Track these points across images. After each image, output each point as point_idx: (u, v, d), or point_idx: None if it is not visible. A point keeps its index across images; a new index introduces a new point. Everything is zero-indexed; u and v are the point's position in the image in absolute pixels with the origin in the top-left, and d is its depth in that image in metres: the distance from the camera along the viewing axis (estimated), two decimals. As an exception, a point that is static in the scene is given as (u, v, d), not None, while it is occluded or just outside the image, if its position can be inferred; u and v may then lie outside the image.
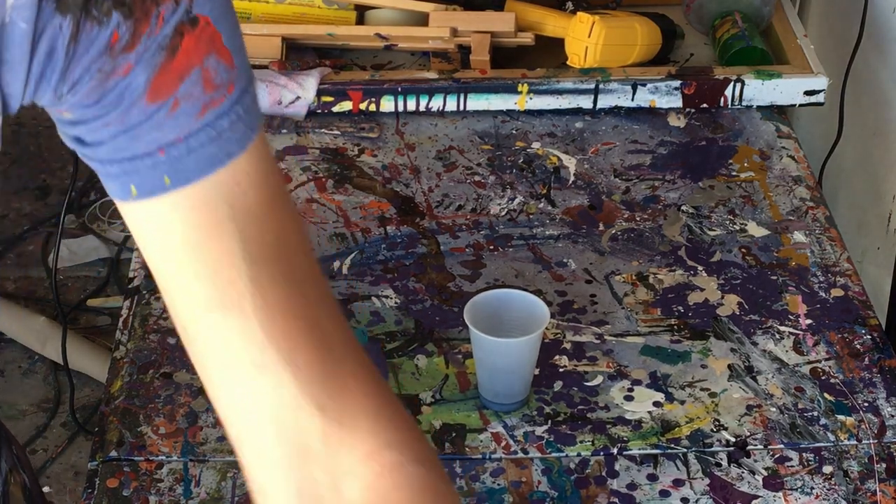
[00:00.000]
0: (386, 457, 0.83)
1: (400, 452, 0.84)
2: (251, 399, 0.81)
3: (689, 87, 1.82)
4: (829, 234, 1.64)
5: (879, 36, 2.06)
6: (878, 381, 1.43)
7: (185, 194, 0.79)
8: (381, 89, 1.82)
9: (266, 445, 0.81)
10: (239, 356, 0.81)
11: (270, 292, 0.80)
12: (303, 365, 0.80)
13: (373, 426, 0.83)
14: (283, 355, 0.80)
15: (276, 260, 0.81)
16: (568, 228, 1.65)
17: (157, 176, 0.78)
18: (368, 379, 0.84)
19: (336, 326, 0.83)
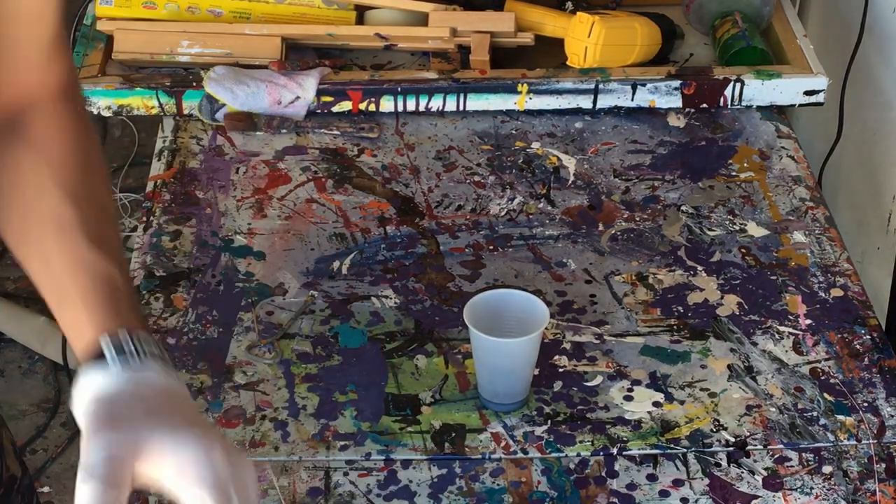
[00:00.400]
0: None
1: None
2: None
3: (688, 87, 1.82)
4: (829, 234, 1.64)
5: (879, 36, 2.06)
6: (878, 382, 1.43)
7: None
8: (380, 89, 1.82)
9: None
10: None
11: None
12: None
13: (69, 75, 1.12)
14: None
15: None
16: (568, 228, 1.65)
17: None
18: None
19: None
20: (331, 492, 1.32)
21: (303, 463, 1.34)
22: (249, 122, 1.80)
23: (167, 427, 0.97)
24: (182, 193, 1.71)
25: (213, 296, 1.54)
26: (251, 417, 1.39)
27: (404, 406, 1.41)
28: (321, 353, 1.47)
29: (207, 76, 1.81)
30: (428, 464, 1.34)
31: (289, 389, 1.42)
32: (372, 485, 1.32)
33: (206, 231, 1.64)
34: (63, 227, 1.05)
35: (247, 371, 1.45)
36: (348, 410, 1.40)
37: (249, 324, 1.50)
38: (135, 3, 1.89)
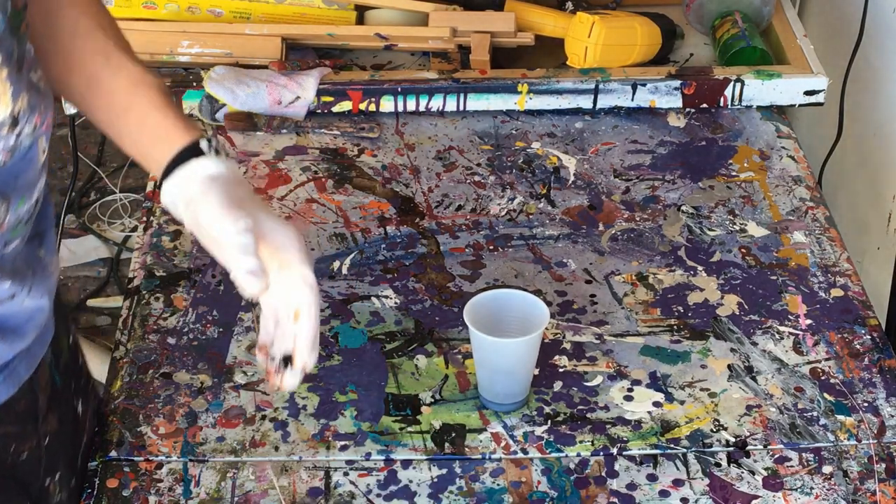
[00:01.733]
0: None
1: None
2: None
3: (689, 87, 1.82)
4: (829, 234, 1.64)
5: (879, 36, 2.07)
6: (878, 381, 1.43)
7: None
8: (380, 89, 1.82)
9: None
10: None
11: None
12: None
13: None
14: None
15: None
16: (568, 228, 1.65)
17: None
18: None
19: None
20: (331, 492, 1.32)
21: (303, 463, 1.34)
22: (249, 122, 1.80)
23: (267, 213, 1.20)
24: (182, 193, 1.70)
25: (213, 296, 1.54)
26: (251, 417, 1.39)
27: (404, 406, 1.41)
28: (321, 353, 1.47)
29: (207, 76, 1.81)
30: (428, 464, 1.34)
31: (289, 389, 1.42)
32: (372, 485, 1.32)
33: (206, 231, 1.64)
34: (109, 56, 1.22)
35: (247, 371, 1.45)
36: (348, 410, 1.40)
37: (249, 324, 1.50)
38: (135, 3, 1.89)
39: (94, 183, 3.09)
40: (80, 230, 2.95)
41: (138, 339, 1.48)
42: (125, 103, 1.22)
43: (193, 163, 1.18)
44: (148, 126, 1.21)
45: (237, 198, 1.17)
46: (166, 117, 1.21)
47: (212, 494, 1.31)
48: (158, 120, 1.21)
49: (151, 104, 1.21)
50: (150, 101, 1.21)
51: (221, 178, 1.18)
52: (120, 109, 1.23)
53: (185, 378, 1.44)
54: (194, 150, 1.19)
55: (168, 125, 1.21)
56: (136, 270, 1.58)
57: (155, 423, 1.38)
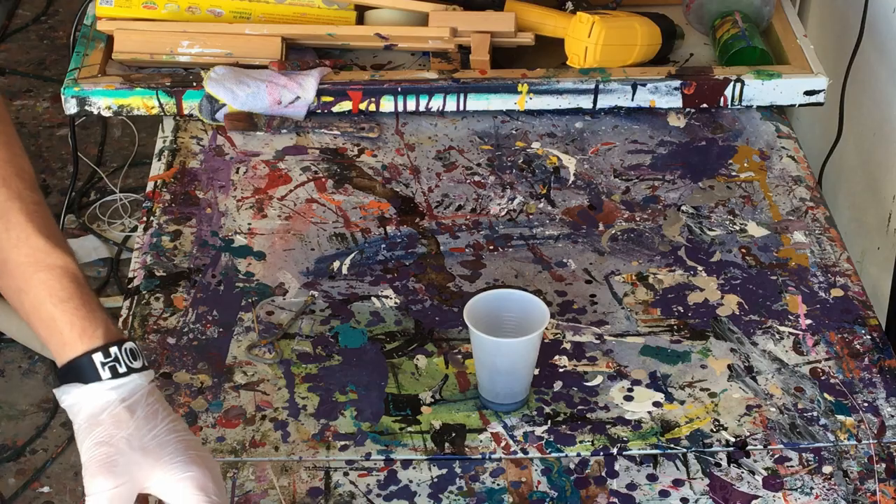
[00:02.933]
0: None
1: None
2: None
3: (689, 87, 1.82)
4: (829, 234, 1.64)
5: (879, 36, 2.06)
6: (878, 381, 1.43)
7: None
8: (381, 89, 1.82)
9: None
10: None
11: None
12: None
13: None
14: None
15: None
16: (568, 228, 1.65)
17: None
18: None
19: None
20: (331, 492, 1.32)
21: (303, 463, 1.34)
22: (249, 122, 1.81)
23: (163, 466, 1.06)
24: (182, 193, 1.71)
25: (213, 296, 1.54)
26: (251, 417, 1.39)
27: (404, 406, 1.41)
28: (321, 353, 1.47)
29: (207, 76, 1.81)
30: (428, 464, 1.34)
31: (289, 389, 1.42)
32: (372, 485, 1.32)
33: (206, 231, 1.64)
34: (10, 223, 1.07)
35: (247, 371, 1.45)
36: (348, 410, 1.40)
37: (249, 324, 1.50)
38: (135, 3, 1.89)
39: (94, 183, 3.09)
40: (80, 230, 2.95)
41: (138, 339, 1.48)
42: (21, 283, 1.08)
43: (77, 392, 1.06)
44: (42, 317, 1.07)
45: (119, 450, 1.05)
46: (63, 313, 1.07)
47: (212, 494, 1.31)
48: (53, 315, 1.07)
49: (48, 292, 1.07)
50: (48, 288, 1.07)
51: (107, 418, 1.06)
52: (15, 287, 1.09)
53: (186, 378, 1.44)
54: (88, 365, 1.07)
55: (63, 324, 1.07)
56: (136, 270, 1.58)
57: (155, 423, 1.38)
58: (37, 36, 3.62)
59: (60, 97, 1.83)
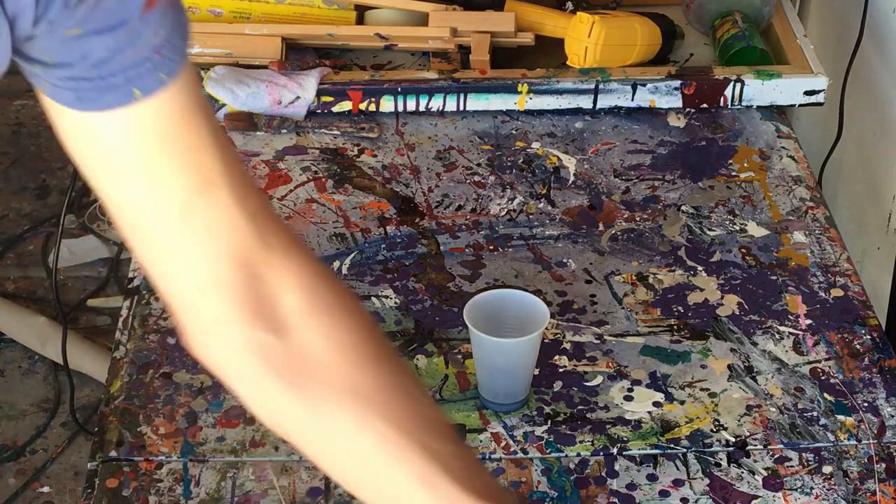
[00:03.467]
0: (312, 267, 0.99)
1: (317, 265, 1.00)
2: (224, 251, 0.95)
3: (689, 87, 1.82)
4: (829, 234, 1.64)
5: (879, 36, 2.06)
6: (878, 381, 1.43)
7: (173, 89, 0.91)
8: (381, 89, 1.82)
9: (230, 283, 0.95)
10: (219, 226, 0.95)
11: (232, 166, 0.95)
12: (258, 217, 0.97)
13: (299, 250, 0.99)
14: (248, 213, 0.96)
15: (224, 138, 0.96)
16: (568, 228, 1.65)
17: (155, 76, 0.90)
18: (301, 242, 1.02)
19: (271, 204, 1.06)
20: (331, 492, 1.32)
21: (303, 463, 1.34)
22: (249, 122, 1.80)
23: None
24: (182, 193, 1.70)
25: (213, 296, 1.54)
26: (251, 417, 1.39)
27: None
28: (321, 353, 1.47)
29: (207, 76, 1.81)
30: (428, 464, 1.34)
31: (289, 389, 1.42)
32: (372, 485, 1.32)
33: (206, 231, 1.64)
34: (425, 479, 0.98)
35: (247, 371, 1.44)
36: (348, 410, 1.40)
37: (249, 324, 1.50)
38: (135, 3, 1.89)
39: (94, 183, 3.08)
40: (80, 230, 2.95)
41: (138, 339, 1.48)
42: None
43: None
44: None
45: None
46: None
47: (212, 494, 1.31)
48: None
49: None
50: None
51: None
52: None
53: (186, 378, 1.43)
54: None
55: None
56: (136, 270, 1.58)
57: (155, 423, 1.38)
58: (37, 36, 3.61)
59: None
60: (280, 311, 0.97)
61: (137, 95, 0.90)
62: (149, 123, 0.91)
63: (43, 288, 2.83)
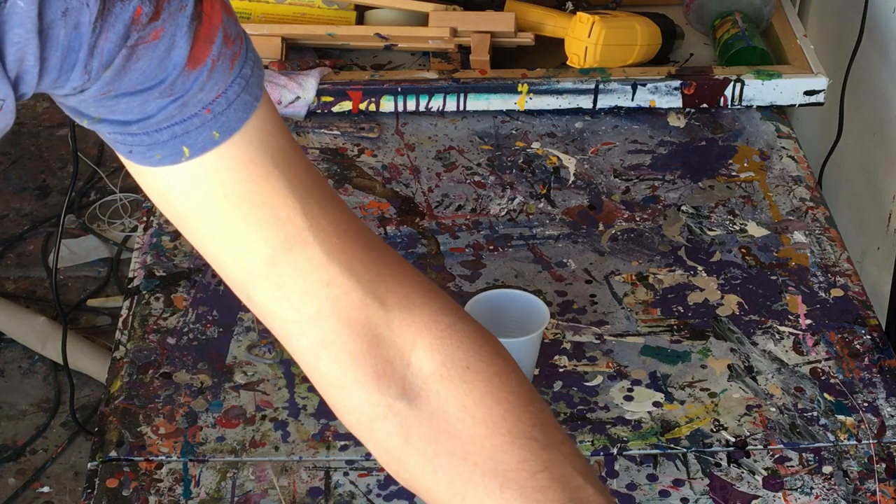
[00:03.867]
0: (441, 321, 0.91)
1: (449, 315, 0.92)
2: (326, 311, 0.89)
3: (689, 87, 1.82)
4: (829, 234, 1.64)
5: (879, 36, 2.06)
6: (878, 381, 1.43)
7: (231, 145, 0.86)
8: (380, 89, 1.82)
9: (343, 346, 0.89)
10: (310, 283, 0.89)
11: (322, 219, 0.89)
12: (361, 271, 0.90)
13: (424, 301, 0.92)
14: (345, 268, 0.89)
15: (315, 189, 0.90)
16: (568, 228, 1.65)
17: (206, 134, 0.86)
18: (405, 265, 0.94)
19: (368, 230, 0.95)
20: (331, 492, 1.32)
21: (303, 463, 1.34)
22: (249, 122, 1.80)
23: None
24: (182, 193, 1.70)
25: (213, 296, 1.54)
26: (251, 417, 1.39)
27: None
28: (321, 353, 1.47)
29: (207, 76, 1.80)
30: (428, 464, 1.34)
31: (289, 389, 1.42)
32: (372, 485, 1.32)
33: (206, 231, 1.64)
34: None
35: (247, 371, 1.45)
36: (348, 410, 1.40)
37: (249, 324, 1.50)
38: (135, 3, 1.89)
39: (94, 183, 3.09)
40: (80, 230, 2.95)
41: (138, 339, 1.48)
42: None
43: None
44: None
45: None
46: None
47: (212, 494, 1.31)
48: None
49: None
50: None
51: None
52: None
53: (186, 378, 1.44)
54: None
55: None
56: (136, 270, 1.58)
57: (155, 423, 1.38)
58: (37, 36, 3.61)
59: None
60: (409, 373, 0.90)
61: (186, 153, 0.86)
62: (210, 180, 0.87)
63: (43, 288, 2.83)
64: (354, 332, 0.90)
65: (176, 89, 0.83)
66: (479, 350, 0.92)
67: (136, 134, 0.86)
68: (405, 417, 0.91)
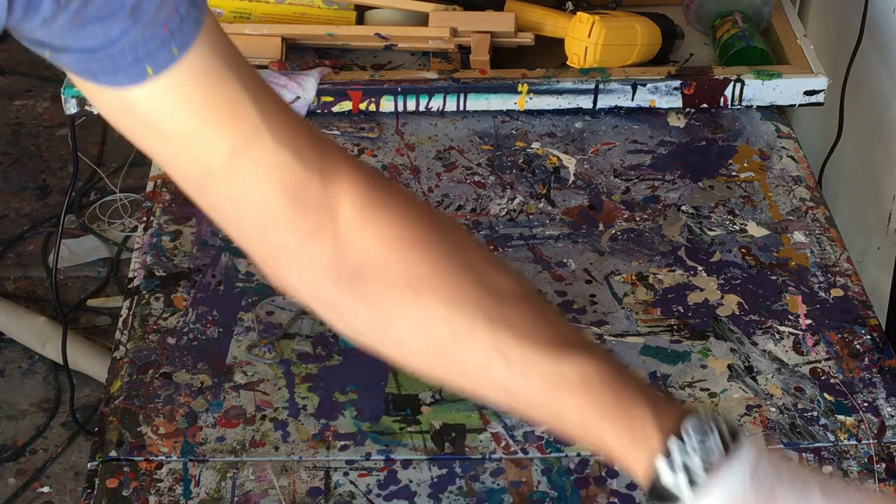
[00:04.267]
0: (365, 177, 0.99)
1: (376, 178, 1.00)
2: (276, 191, 0.97)
3: (689, 87, 1.82)
4: (829, 234, 1.64)
5: (879, 36, 2.06)
6: (878, 381, 1.43)
7: (189, 58, 0.92)
8: (380, 89, 1.82)
9: (282, 212, 0.98)
10: (263, 169, 0.96)
11: (271, 109, 0.97)
12: (303, 150, 0.98)
13: (355, 169, 1.00)
14: (291, 150, 0.97)
15: (261, 83, 0.97)
16: (568, 228, 1.65)
17: (166, 51, 0.91)
18: (344, 151, 1.03)
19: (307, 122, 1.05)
20: (331, 492, 1.32)
21: (303, 463, 1.34)
22: (249, 122, 1.80)
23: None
24: (182, 193, 1.70)
25: (213, 296, 1.54)
26: (251, 417, 1.39)
27: (404, 406, 1.41)
28: (321, 353, 1.47)
29: (207, 76, 1.80)
30: (428, 464, 1.34)
31: (289, 389, 1.42)
32: (372, 485, 1.32)
33: (206, 231, 1.64)
34: (509, 356, 0.95)
35: (247, 371, 1.45)
36: (348, 410, 1.40)
37: (249, 324, 1.50)
38: (135, 3, 1.89)
39: (94, 183, 3.09)
40: (80, 230, 2.95)
41: (138, 339, 1.48)
42: (540, 402, 0.96)
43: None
44: (586, 436, 0.96)
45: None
46: (603, 432, 0.93)
47: (212, 494, 1.31)
48: (597, 434, 0.94)
49: (578, 414, 0.94)
50: (577, 406, 0.94)
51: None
52: (534, 406, 0.98)
53: (185, 378, 1.44)
54: (663, 491, 0.90)
55: (610, 444, 0.93)
56: (136, 270, 1.58)
57: (155, 423, 1.38)
58: (37, 36, 3.61)
59: (60, 97, 1.83)
60: (337, 227, 0.98)
61: (150, 73, 0.91)
62: (173, 95, 0.93)
63: (43, 288, 2.83)
64: (298, 203, 0.98)
65: (137, 11, 0.89)
66: (391, 190, 1.01)
67: (100, 60, 0.91)
68: (337, 264, 0.99)
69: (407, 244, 0.98)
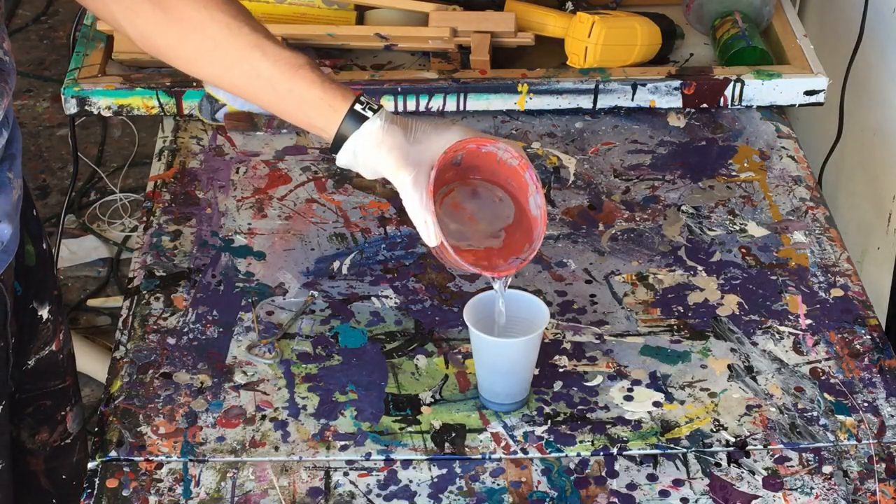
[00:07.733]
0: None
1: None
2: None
3: (689, 87, 1.82)
4: (829, 234, 1.64)
5: (879, 36, 2.07)
6: (878, 381, 1.43)
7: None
8: (381, 89, 1.82)
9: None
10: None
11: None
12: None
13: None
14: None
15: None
16: (568, 228, 1.65)
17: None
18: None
19: None
20: (331, 492, 1.32)
21: (303, 463, 1.34)
22: (249, 122, 1.80)
23: (439, 144, 1.34)
24: (182, 193, 1.71)
25: (213, 296, 1.54)
26: (251, 417, 1.39)
27: (404, 406, 1.41)
28: (321, 353, 1.47)
29: (207, 76, 1.80)
30: (428, 464, 1.34)
31: (289, 389, 1.42)
32: (372, 485, 1.32)
33: (206, 231, 1.64)
34: (265, 48, 1.34)
35: (247, 371, 1.45)
36: (348, 410, 1.40)
37: (249, 324, 1.50)
38: (135, 3, 1.89)
39: (94, 183, 3.09)
40: (80, 230, 2.95)
41: (138, 339, 1.48)
42: (286, 87, 1.34)
43: (352, 139, 1.33)
44: (308, 102, 1.35)
45: (404, 150, 1.33)
46: (324, 91, 1.34)
47: (212, 494, 1.31)
48: (320, 95, 1.34)
49: (306, 83, 1.34)
50: (308, 81, 1.34)
51: (385, 136, 1.33)
52: (283, 91, 1.35)
53: (185, 378, 1.44)
54: (356, 115, 1.33)
55: (326, 100, 1.34)
56: (136, 270, 1.58)
57: (155, 423, 1.38)
58: (37, 36, 3.62)
59: (60, 97, 1.83)
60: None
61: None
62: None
63: (43, 288, 2.83)
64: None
65: None
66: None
67: None
68: (162, 20, 1.33)
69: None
